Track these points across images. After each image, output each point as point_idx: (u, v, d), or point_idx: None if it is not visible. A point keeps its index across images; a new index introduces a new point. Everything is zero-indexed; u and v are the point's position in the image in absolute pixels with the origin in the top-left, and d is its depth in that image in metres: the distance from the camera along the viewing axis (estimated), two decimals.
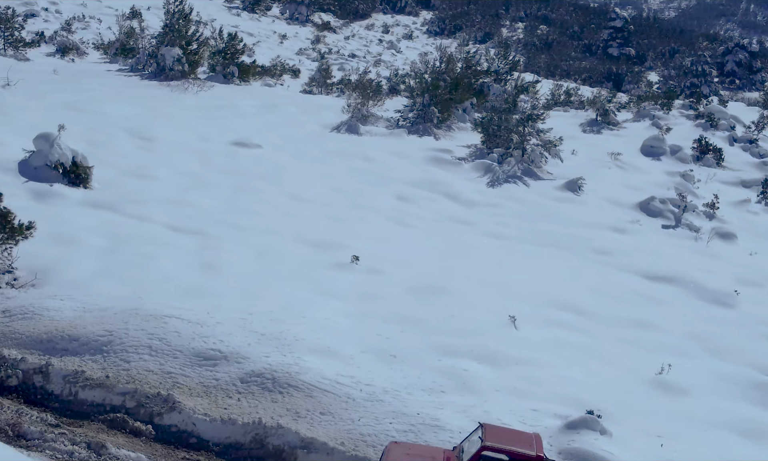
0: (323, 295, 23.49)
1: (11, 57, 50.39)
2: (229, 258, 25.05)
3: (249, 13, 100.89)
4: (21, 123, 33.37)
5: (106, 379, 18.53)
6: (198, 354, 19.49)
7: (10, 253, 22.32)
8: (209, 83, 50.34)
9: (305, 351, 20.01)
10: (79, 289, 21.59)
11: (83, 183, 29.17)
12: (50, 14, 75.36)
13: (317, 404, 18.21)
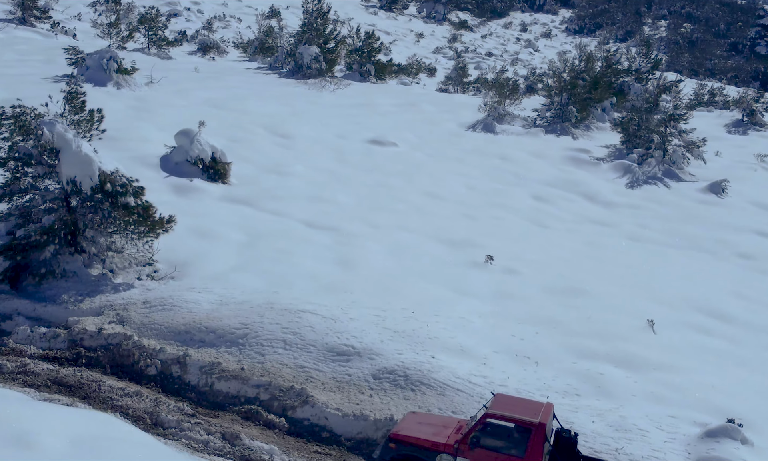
0: (457, 293, 23.29)
1: (155, 55, 51.82)
2: (363, 255, 25.08)
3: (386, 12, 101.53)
4: (163, 120, 34.18)
5: (242, 371, 18.74)
6: (331, 349, 19.53)
7: (151, 246, 22.84)
8: (346, 81, 50.73)
9: (438, 349, 19.84)
10: (216, 282, 21.92)
11: (222, 179, 29.69)
12: (192, 14, 77.36)
13: (449, 403, 18.01)
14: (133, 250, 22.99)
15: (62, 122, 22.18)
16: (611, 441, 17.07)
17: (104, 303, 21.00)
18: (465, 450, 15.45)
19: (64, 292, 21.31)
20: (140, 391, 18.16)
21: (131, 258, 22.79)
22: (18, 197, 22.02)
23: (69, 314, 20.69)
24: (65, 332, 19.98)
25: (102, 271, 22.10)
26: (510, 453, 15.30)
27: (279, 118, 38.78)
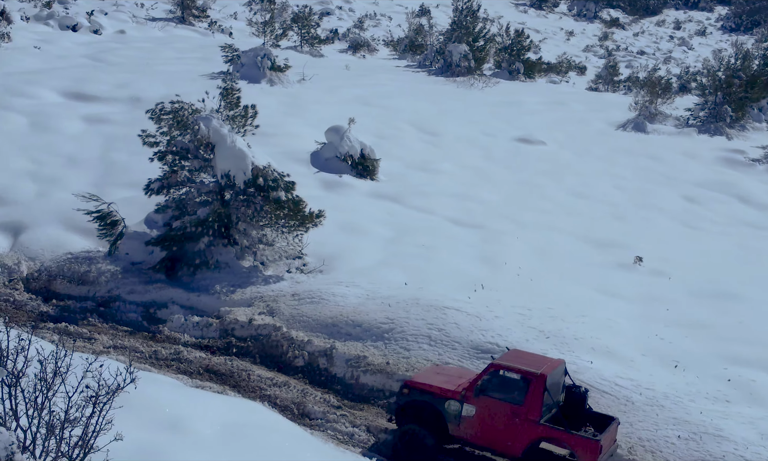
0: (604, 294, 22.96)
1: (307, 53, 52.74)
2: (509, 253, 24.98)
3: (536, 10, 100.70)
4: (314, 116, 34.77)
5: (387, 365, 18.95)
6: (476, 346, 19.52)
7: (300, 239, 23.32)
8: (494, 79, 50.58)
9: (584, 350, 19.60)
10: (363, 277, 22.20)
11: (370, 175, 30.04)
12: (344, 12, 78.39)
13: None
14: (284, 243, 23.50)
15: (218, 118, 22.86)
16: (763, 451, 16.56)
17: (255, 295, 21.55)
18: (470, 397, 16.20)
19: (217, 283, 21.95)
20: (288, 382, 18.60)
21: (281, 251, 23.31)
22: (175, 189, 22.82)
23: (221, 304, 21.32)
24: (217, 321, 20.61)
25: (253, 263, 22.68)
26: (511, 402, 15.97)
27: (427, 115, 38.94)
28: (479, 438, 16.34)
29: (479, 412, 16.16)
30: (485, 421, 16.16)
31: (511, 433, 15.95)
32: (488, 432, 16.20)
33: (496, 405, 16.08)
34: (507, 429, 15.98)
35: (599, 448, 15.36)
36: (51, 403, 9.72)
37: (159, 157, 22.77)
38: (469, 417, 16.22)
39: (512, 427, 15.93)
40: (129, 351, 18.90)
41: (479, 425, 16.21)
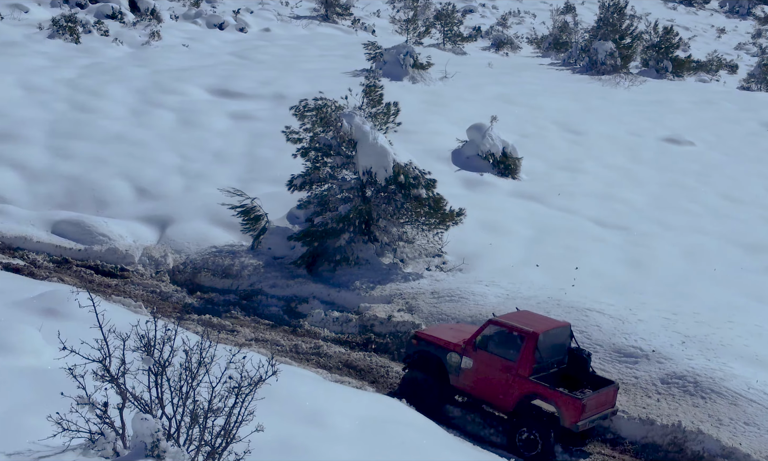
0: (754, 300, 22.12)
1: (449, 51, 52.65)
2: (654, 256, 24.36)
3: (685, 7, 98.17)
4: (456, 114, 34.64)
5: None
6: (618, 349, 19.09)
7: (441, 237, 23.23)
8: (641, 78, 49.46)
9: (731, 356, 18.91)
10: (503, 276, 21.97)
11: (512, 174, 29.73)
12: (487, 10, 78.02)
13: (741, 413, 17.15)
14: (423, 241, 23.47)
15: (360, 115, 22.98)
16: None
17: (394, 291, 21.57)
18: (469, 350, 17.25)
19: (357, 279, 22.07)
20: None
21: (421, 249, 23.27)
22: (317, 185, 23.06)
23: (360, 300, 21.42)
24: (357, 317, 20.71)
25: (393, 260, 22.72)
26: (505, 357, 16.89)
27: (571, 114, 38.34)
28: (475, 390, 17.36)
29: (476, 365, 17.17)
30: (481, 374, 17.16)
31: (504, 387, 16.87)
32: (483, 385, 17.18)
33: (491, 359, 17.05)
34: (500, 382, 16.91)
35: (581, 407, 15.98)
36: (195, 393, 9.88)
37: (302, 153, 23.05)
38: (467, 369, 17.24)
39: (504, 381, 16.84)
40: (270, 344, 19.18)
41: (476, 377, 17.22)
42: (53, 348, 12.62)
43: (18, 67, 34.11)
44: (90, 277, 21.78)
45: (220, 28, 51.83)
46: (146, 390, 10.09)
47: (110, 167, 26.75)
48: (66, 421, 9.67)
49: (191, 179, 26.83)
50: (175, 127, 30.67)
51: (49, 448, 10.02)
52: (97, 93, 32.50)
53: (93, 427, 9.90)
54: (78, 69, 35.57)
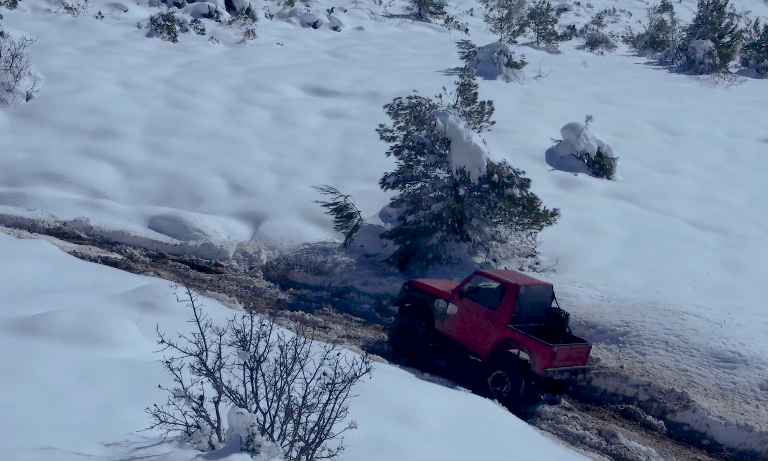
0: None
1: (543, 49, 52.19)
2: (753, 258, 23.78)
3: None
4: (550, 113, 34.29)
5: (621, 369, 18.43)
6: (716, 354, 18.68)
7: (534, 237, 23.01)
8: (741, 77, 48.33)
9: None
10: (598, 278, 21.67)
11: (606, 174, 29.30)
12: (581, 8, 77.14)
13: None
14: (516, 241, 23.26)
15: (454, 113, 22.90)
16: None
17: None
18: (456, 298, 18.72)
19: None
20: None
21: (514, 249, 23.07)
22: (410, 184, 23.02)
23: None
24: None
25: (485, 259, 22.56)
26: (487, 305, 18.29)
27: (667, 114, 37.63)
28: (457, 335, 18.71)
29: (460, 312, 18.61)
30: (464, 320, 18.57)
31: (483, 333, 18.20)
32: (465, 330, 18.55)
33: (474, 307, 18.46)
34: (480, 329, 18.26)
35: (551, 354, 17.03)
36: (290, 388, 9.92)
37: (395, 152, 23.05)
38: (452, 315, 18.71)
39: (484, 328, 18.19)
40: (362, 342, 19.22)
41: (459, 323, 18.63)
42: (150, 340, 12.80)
43: (118, 65, 34.81)
44: (185, 272, 22.10)
45: (314, 26, 52.19)
46: (241, 384, 10.18)
47: (206, 164, 27.13)
48: (163, 413, 9.81)
49: (285, 176, 27.05)
50: (269, 124, 30.95)
51: (146, 440, 10.16)
52: (194, 91, 32.98)
53: (189, 420, 10.01)
54: (175, 67, 36.14)
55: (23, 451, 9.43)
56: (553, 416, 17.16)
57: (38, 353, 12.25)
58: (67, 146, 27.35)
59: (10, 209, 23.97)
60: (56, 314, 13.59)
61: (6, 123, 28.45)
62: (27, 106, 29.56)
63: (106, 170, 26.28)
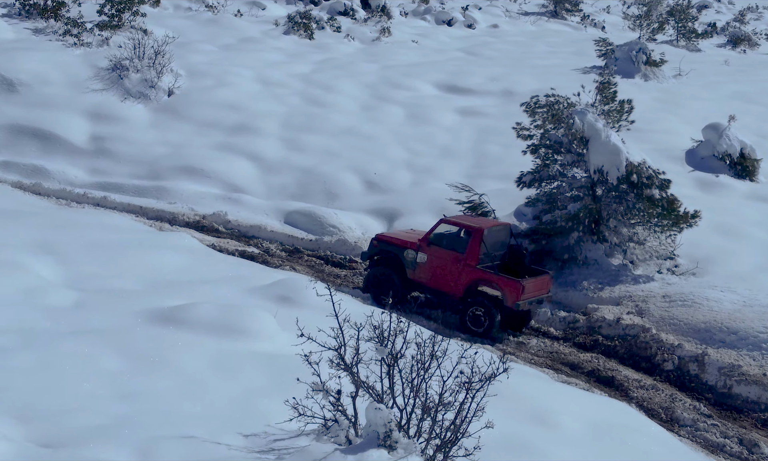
0: None
1: (683, 47, 50.95)
2: None
3: None
4: (689, 113, 33.41)
5: (763, 377, 17.80)
6: None
7: (673, 240, 22.43)
8: None
9: None
10: (740, 282, 20.96)
11: (749, 175, 28.37)
12: (722, 5, 75.13)
13: None
14: (655, 243, 22.69)
15: (593, 112, 22.50)
16: None
17: (623, 293, 20.99)
18: (424, 246, 20.16)
19: (584, 279, 21.63)
20: (655, 385, 18.01)
21: (652, 251, 22.52)
22: (546, 183, 22.72)
23: (588, 301, 20.98)
24: (584, 318, 20.30)
25: (622, 261, 22.09)
26: (455, 250, 19.90)
27: None
28: (430, 281, 20.16)
29: (430, 259, 20.06)
30: (435, 266, 20.03)
31: (454, 276, 19.76)
32: (437, 276, 20.02)
33: (443, 253, 19.99)
34: (451, 272, 19.80)
35: (521, 288, 18.92)
36: (427, 385, 9.90)
37: (532, 150, 22.80)
38: (422, 263, 20.12)
39: (455, 271, 19.75)
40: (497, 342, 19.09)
41: (430, 270, 20.08)
42: (287, 334, 13.00)
43: (255, 62, 35.38)
44: (320, 267, 22.32)
45: (448, 24, 52.12)
46: (378, 380, 10.20)
47: (341, 160, 27.35)
48: (302, 407, 9.90)
49: (419, 173, 27.06)
50: (403, 122, 31.00)
51: (284, 432, 10.29)
52: (330, 88, 33.29)
53: (327, 414, 10.08)
54: (311, 64, 36.55)
55: (166, 439, 9.67)
56: (693, 423, 16.68)
57: (179, 343, 12.54)
58: (207, 141, 27.98)
59: (152, 202, 24.74)
60: (197, 305, 13.89)
61: (149, 118, 29.28)
62: (168, 102, 30.33)
63: (243, 165, 26.79)
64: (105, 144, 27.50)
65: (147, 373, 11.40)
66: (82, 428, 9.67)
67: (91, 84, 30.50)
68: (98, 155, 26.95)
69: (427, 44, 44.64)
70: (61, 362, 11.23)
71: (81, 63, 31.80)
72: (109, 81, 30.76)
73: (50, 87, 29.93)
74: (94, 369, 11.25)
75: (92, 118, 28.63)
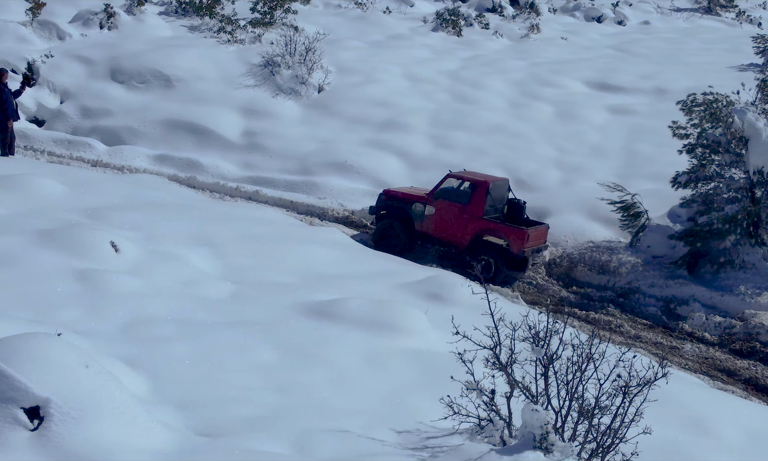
0: None
1: None
2: None
3: None
4: None
5: None
6: None
7: None
8: None
9: None
10: None
11: None
12: None
13: None
14: None
15: (753, 111, 21.74)
16: None
17: None
18: (431, 200, 21.96)
19: (742, 283, 20.93)
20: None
21: None
22: (702, 184, 22.05)
23: (745, 306, 20.29)
24: (741, 324, 19.64)
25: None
26: (461, 202, 21.68)
27: None
28: (437, 232, 21.90)
29: (437, 211, 21.81)
30: (442, 218, 21.78)
31: (461, 227, 21.56)
32: (444, 227, 21.77)
33: (450, 205, 21.74)
34: (457, 224, 21.59)
35: (526, 236, 20.77)
36: (583, 388, 9.70)
37: (688, 150, 22.16)
38: (429, 215, 21.87)
39: (461, 222, 21.55)
40: (649, 345, 18.60)
41: (438, 222, 21.84)
42: (438, 331, 12.97)
43: (404, 58, 35.50)
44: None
45: (597, 21, 51.25)
46: (533, 381, 10.06)
47: (489, 158, 27.15)
48: (456, 405, 9.83)
49: (568, 172, 26.65)
50: (552, 119, 30.61)
51: (436, 430, 10.24)
52: (477, 85, 33.12)
53: (482, 413, 9.99)
54: (459, 61, 36.45)
55: (320, 432, 9.74)
56: None
57: (332, 337, 12.64)
58: (355, 137, 28.22)
59: (302, 197, 25.09)
60: (348, 300, 13.98)
61: (299, 114, 29.72)
62: (318, 99, 30.73)
63: (391, 162, 26.89)
64: (257, 139, 28.03)
65: (300, 366, 11.52)
66: (239, 418, 9.82)
67: (244, 80, 31.17)
68: (250, 149, 27.51)
69: (576, 41, 43.96)
70: (218, 352, 11.45)
71: (234, 59, 32.54)
72: (261, 77, 31.37)
73: (205, 83, 30.71)
74: (250, 361, 11.42)
75: (245, 113, 29.24)
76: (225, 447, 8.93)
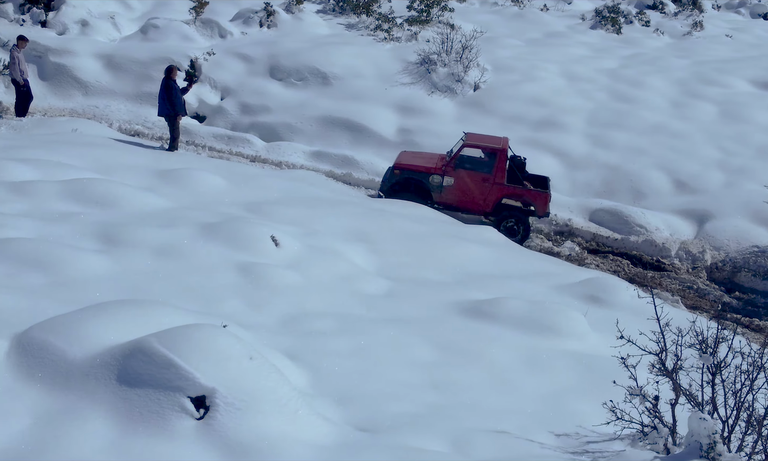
0: None
1: None
2: None
3: None
4: None
5: None
6: None
7: None
8: None
9: None
10: None
11: None
12: None
13: None
14: None
15: None
16: None
17: None
18: (450, 170, 22.32)
19: None
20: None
21: None
22: None
23: None
24: None
25: None
26: (482, 171, 22.29)
27: None
28: (459, 202, 22.41)
29: (457, 182, 22.26)
30: (463, 188, 22.27)
31: (484, 195, 22.22)
32: (465, 196, 22.32)
33: (471, 174, 22.27)
34: (480, 192, 22.22)
35: (549, 198, 22.07)
36: (753, 398, 9.33)
37: None
38: (449, 186, 22.29)
39: (484, 190, 22.20)
40: None
41: (458, 191, 22.31)
42: (598, 334, 12.72)
43: (561, 56, 34.99)
44: (626, 267, 21.75)
45: (764, 18, 49.45)
46: (698, 388, 9.73)
47: (648, 158, 26.50)
48: (619, 410, 9.61)
49: (732, 174, 25.76)
50: (716, 120, 29.63)
51: (596, 434, 10.03)
52: (637, 83, 32.35)
53: (645, 419, 9.73)
54: (618, 59, 35.69)
55: (478, 432, 9.65)
56: None
57: (489, 336, 12.54)
58: (512, 135, 27.90)
59: None
60: (506, 300, 13.85)
61: (454, 112, 29.63)
62: (474, 96, 30.57)
63: (549, 161, 26.51)
64: (411, 137, 28.05)
65: (458, 364, 11.46)
66: (397, 414, 9.81)
67: (400, 78, 31.28)
68: (404, 147, 27.60)
69: (741, 38, 42.48)
70: (375, 348, 11.49)
71: (390, 57, 32.68)
72: (417, 75, 31.42)
73: (361, 80, 30.94)
74: (407, 357, 11.42)
75: (400, 110, 29.32)
76: (385, 443, 8.93)
